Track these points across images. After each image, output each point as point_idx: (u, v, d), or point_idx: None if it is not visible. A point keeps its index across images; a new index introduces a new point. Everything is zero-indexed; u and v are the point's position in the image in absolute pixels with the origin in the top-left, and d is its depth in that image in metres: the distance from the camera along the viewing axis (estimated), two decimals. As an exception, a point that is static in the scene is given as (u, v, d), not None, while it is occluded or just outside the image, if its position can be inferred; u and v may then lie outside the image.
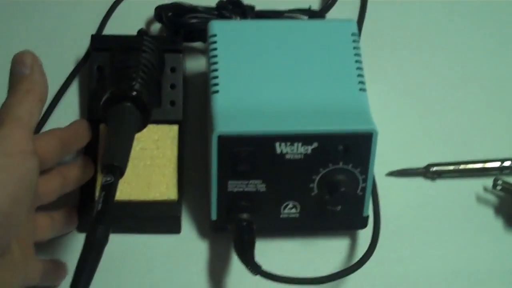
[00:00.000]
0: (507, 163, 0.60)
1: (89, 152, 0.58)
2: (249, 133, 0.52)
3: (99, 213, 0.46)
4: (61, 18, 0.67)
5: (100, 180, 0.54)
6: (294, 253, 0.57)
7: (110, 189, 0.47)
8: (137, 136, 0.57)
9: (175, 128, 0.59)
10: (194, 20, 0.62)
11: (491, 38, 0.68)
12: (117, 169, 0.48)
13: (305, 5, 0.65)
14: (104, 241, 0.45)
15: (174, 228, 0.58)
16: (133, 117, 0.52)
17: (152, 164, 0.57)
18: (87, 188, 0.57)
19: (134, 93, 0.53)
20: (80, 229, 0.57)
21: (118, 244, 0.56)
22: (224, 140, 0.52)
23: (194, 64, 0.64)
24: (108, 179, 0.48)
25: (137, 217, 0.57)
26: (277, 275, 0.51)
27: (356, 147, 0.52)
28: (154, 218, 0.57)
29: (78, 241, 0.56)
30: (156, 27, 0.66)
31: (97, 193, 0.54)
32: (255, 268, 0.51)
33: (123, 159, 0.50)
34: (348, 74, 0.55)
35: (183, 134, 0.59)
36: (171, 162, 0.58)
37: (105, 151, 0.50)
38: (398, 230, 0.58)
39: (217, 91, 0.54)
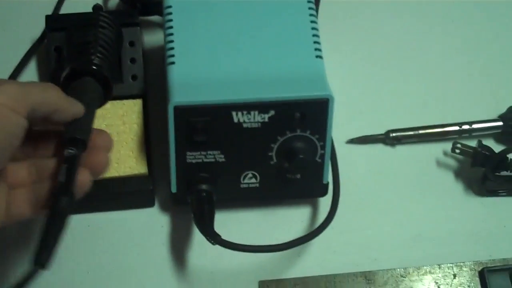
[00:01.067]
0: (465, 127, 0.61)
1: None
2: (205, 103, 0.52)
3: (62, 185, 0.46)
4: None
5: None
6: (255, 223, 0.57)
7: (73, 161, 0.47)
8: (102, 113, 0.57)
9: (139, 102, 0.59)
10: (150, -6, 0.62)
11: (447, 9, 0.68)
12: (80, 142, 0.48)
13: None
14: (67, 212, 0.45)
15: (147, 202, 0.58)
16: (94, 90, 0.52)
17: (119, 139, 0.57)
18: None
19: (94, 67, 0.52)
20: None
21: (91, 222, 0.56)
22: (180, 111, 0.52)
23: (153, 38, 0.64)
24: (71, 151, 0.48)
25: (109, 194, 0.56)
26: (236, 244, 0.51)
27: (312, 114, 0.52)
28: (127, 193, 0.57)
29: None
30: (112, 2, 0.66)
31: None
32: (214, 238, 0.51)
33: (85, 132, 0.49)
34: (304, 41, 0.55)
35: (147, 108, 0.59)
36: (138, 137, 0.58)
37: (65, 125, 0.50)
38: (358, 197, 0.59)
39: (173, 63, 0.54)
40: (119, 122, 0.58)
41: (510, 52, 0.66)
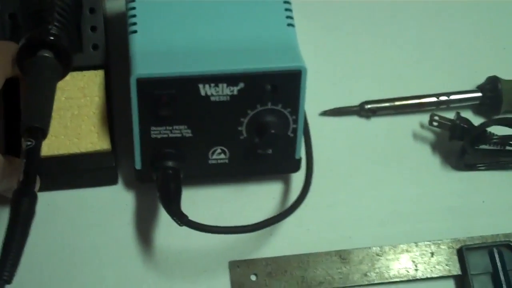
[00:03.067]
0: (443, 98, 0.58)
1: (10, 111, 0.53)
2: (170, 75, 0.48)
3: (22, 183, 0.42)
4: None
5: None
6: (224, 200, 0.55)
7: (32, 155, 0.43)
8: (61, 85, 0.53)
9: (100, 73, 0.55)
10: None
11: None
12: (39, 131, 0.44)
13: None
14: (30, 215, 0.41)
15: (110, 179, 0.55)
16: (51, 68, 0.48)
17: (80, 113, 0.54)
18: (12, 148, 0.52)
19: (51, 37, 0.49)
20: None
21: (51, 201, 0.53)
22: (143, 83, 0.48)
23: (115, 4, 0.60)
24: (29, 143, 0.44)
25: (70, 171, 0.53)
26: (205, 225, 0.48)
27: (284, 86, 0.50)
28: (89, 170, 0.53)
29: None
30: (71, -35, 0.62)
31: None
32: (181, 219, 0.48)
33: (44, 118, 0.45)
34: (275, 8, 0.52)
35: (109, 79, 0.56)
36: (100, 110, 0.54)
37: (23, 111, 0.46)
38: (332, 172, 0.56)
39: (135, 31, 0.51)
40: (80, 95, 0.54)
41: (487, 22, 0.64)
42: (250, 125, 0.51)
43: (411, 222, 0.55)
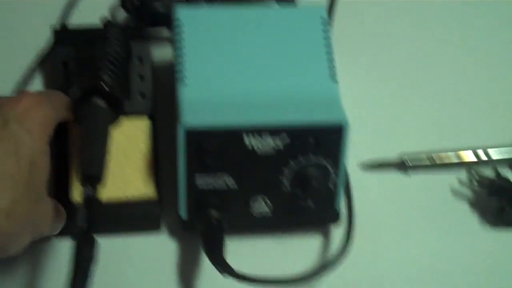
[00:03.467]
0: (481, 153, 0.59)
1: (59, 154, 0.55)
2: (217, 126, 0.50)
3: (83, 233, 0.44)
4: (20, 10, 0.64)
5: (73, 182, 0.53)
6: (266, 251, 0.55)
7: (91, 203, 0.46)
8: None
9: (147, 121, 0.57)
10: (159, 5, 0.59)
11: (464, 30, 0.67)
12: (96, 179, 0.47)
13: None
14: (92, 263, 0.44)
15: (154, 226, 0.55)
16: (105, 115, 0.50)
17: (126, 159, 0.55)
18: (61, 189, 0.54)
19: (105, 86, 0.51)
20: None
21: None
22: (191, 134, 0.50)
23: (162, 52, 0.62)
24: (89, 192, 0.46)
25: (114, 217, 0.54)
26: (248, 276, 0.49)
27: (327, 140, 0.51)
28: (133, 217, 0.54)
29: (52, 244, 0.54)
30: (120, 14, 0.64)
31: (73, 196, 0.53)
32: (224, 269, 0.49)
33: (100, 166, 0.48)
34: (319, 63, 0.54)
35: (155, 127, 0.57)
36: (146, 157, 0.55)
37: (82, 159, 0.48)
38: (371, 226, 0.57)
39: (183, 81, 0.52)
40: (126, 141, 0.56)
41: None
42: (292, 177, 0.52)
43: (449, 278, 0.55)
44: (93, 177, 0.46)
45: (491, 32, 0.67)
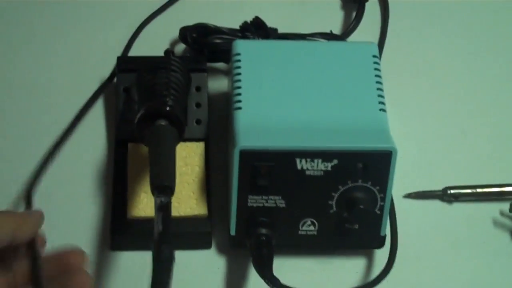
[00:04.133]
0: (523, 188, 0.61)
1: (119, 172, 0.59)
2: (270, 148, 0.53)
3: (161, 234, 0.48)
4: (87, 39, 0.69)
5: (130, 200, 0.57)
6: (311, 271, 0.57)
7: (166, 209, 0.49)
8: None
9: (201, 145, 0.60)
10: (218, 41, 0.63)
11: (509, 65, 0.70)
12: (168, 189, 0.50)
13: (325, 29, 0.67)
14: (171, 259, 0.47)
15: (205, 243, 0.58)
16: (171, 134, 0.54)
17: (181, 180, 0.58)
18: (118, 207, 0.57)
19: (168, 108, 0.54)
20: (112, 248, 0.57)
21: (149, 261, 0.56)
22: (246, 155, 0.53)
23: (216, 84, 0.66)
24: (163, 199, 0.49)
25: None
26: (294, 289, 0.51)
27: (375, 165, 0.53)
28: (186, 233, 0.57)
29: (111, 259, 0.57)
30: (180, 48, 0.68)
31: (130, 213, 0.56)
32: (273, 282, 0.51)
33: (171, 178, 0.51)
34: (369, 94, 0.56)
35: (209, 151, 0.60)
36: (199, 178, 0.59)
37: (152, 172, 0.52)
38: (414, 252, 0.58)
39: (239, 108, 0.55)
40: (182, 163, 0.59)
41: None
42: (340, 199, 0.54)
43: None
44: (166, 187, 0.49)
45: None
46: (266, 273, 0.52)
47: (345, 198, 0.54)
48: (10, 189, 0.59)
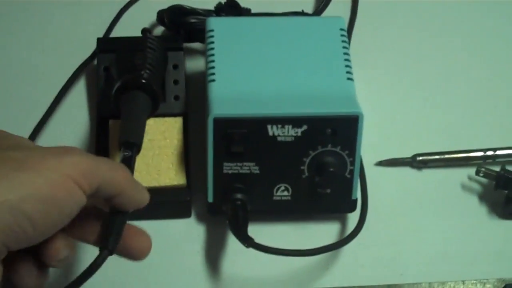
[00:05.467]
0: (489, 153, 0.63)
1: (101, 148, 0.61)
2: (242, 116, 0.55)
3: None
4: (69, 22, 0.72)
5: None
6: (285, 235, 0.59)
7: (129, 161, 0.52)
8: (146, 129, 0.60)
9: (180, 120, 0.63)
10: (193, 20, 0.66)
11: (474, 34, 0.73)
12: (134, 145, 0.53)
13: (298, 9, 0.69)
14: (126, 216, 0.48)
15: (184, 212, 0.61)
16: (144, 101, 0.57)
17: (160, 153, 0.61)
18: None
19: (144, 80, 0.57)
20: None
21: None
22: (219, 122, 0.55)
23: (193, 63, 0.68)
24: (126, 153, 0.52)
25: (150, 203, 0.58)
26: (269, 247, 0.54)
27: (343, 130, 0.56)
28: (166, 203, 0.60)
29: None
30: (158, 30, 0.70)
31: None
32: (247, 241, 0.54)
33: (138, 136, 0.54)
34: (336, 64, 0.59)
35: (187, 125, 0.63)
36: (178, 151, 0.61)
37: (121, 130, 0.54)
38: (385, 215, 0.61)
39: (213, 80, 0.58)
40: (161, 137, 0.62)
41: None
42: (311, 164, 0.57)
43: (459, 263, 0.59)
44: (132, 144, 0.52)
45: (496, 39, 0.72)
46: (241, 233, 0.54)
47: (316, 163, 0.57)
48: None
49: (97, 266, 0.44)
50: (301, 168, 0.57)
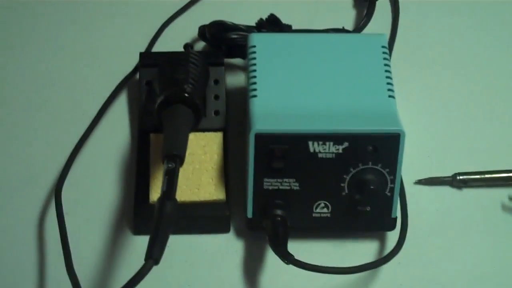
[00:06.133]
0: (530, 173, 0.63)
1: (142, 161, 0.62)
2: (283, 131, 0.55)
3: (165, 192, 0.51)
4: (112, 36, 0.73)
5: (153, 186, 0.59)
6: (324, 253, 0.59)
7: (173, 173, 0.52)
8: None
9: (220, 135, 0.63)
10: (235, 36, 0.66)
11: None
12: (177, 158, 0.53)
13: (338, 25, 0.70)
14: (173, 214, 0.49)
15: (223, 227, 0.61)
16: (187, 114, 0.58)
17: (200, 168, 0.61)
18: (141, 193, 0.60)
19: (187, 94, 0.58)
20: (135, 232, 0.60)
21: (172, 244, 0.57)
22: (261, 138, 0.55)
23: (234, 79, 0.69)
24: (170, 165, 0.53)
25: (190, 217, 0.60)
26: (308, 264, 0.54)
27: (384, 148, 0.56)
28: (206, 217, 0.60)
29: (134, 243, 0.60)
30: (200, 45, 0.71)
31: (152, 198, 0.59)
32: (287, 257, 0.54)
33: (181, 149, 0.55)
34: (378, 81, 0.59)
35: (227, 140, 0.63)
36: (218, 166, 0.62)
37: (164, 143, 0.55)
38: (425, 235, 0.61)
39: (255, 96, 0.58)
40: (201, 152, 0.62)
41: None
42: (351, 181, 0.57)
43: (500, 284, 0.58)
44: (174, 156, 0.53)
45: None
46: (281, 249, 0.54)
47: (357, 180, 0.57)
48: (40, 184, 0.62)
49: (141, 276, 0.45)
50: (341, 185, 0.57)
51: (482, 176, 0.63)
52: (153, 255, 0.46)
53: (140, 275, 0.45)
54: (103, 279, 0.58)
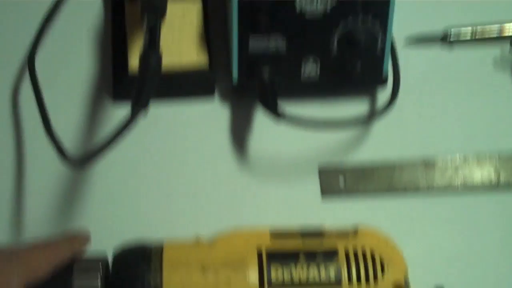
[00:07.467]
0: (525, 23, 0.61)
1: (118, 30, 0.59)
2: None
3: (149, 44, 0.48)
4: None
5: (131, 54, 0.56)
6: (313, 113, 0.57)
7: (155, 25, 0.49)
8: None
9: (198, 2, 0.60)
10: None
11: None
12: (158, 9, 0.50)
13: None
14: (158, 66, 0.47)
15: (208, 89, 0.59)
16: None
17: (181, 35, 0.58)
18: (119, 63, 0.58)
19: None
20: (114, 98, 0.58)
21: (156, 111, 0.57)
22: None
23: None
24: (150, 18, 0.49)
25: (174, 84, 0.57)
26: (300, 117, 0.52)
27: (375, 3, 0.53)
28: (189, 81, 0.58)
29: (112, 109, 0.57)
30: None
31: (131, 66, 0.56)
32: (278, 112, 0.52)
33: (163, 2, 0.51)
34: None
35: (206, 9, 0.60)
36: (198, 31, 0.59)
37: None
38: (416, 93, 0.59)
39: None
40: (180, 19, 0.59)
41: None
42: (341, 38, 0.54)
43: (493, 136, 0.58)
44: (155, 6, 0.49)
45: None
46: (271, 105, 0.52)
47: (346, 37, 0.54)
48: (12, 55, 0.59)
49: (132, 122, 0.43)
50: (331, 43, 0.54)
51: (473, 30, 0.61)
52: (141, 102, 0.43)
53: (131, 121, 0.42)
54: (84, 145, 0.56)
